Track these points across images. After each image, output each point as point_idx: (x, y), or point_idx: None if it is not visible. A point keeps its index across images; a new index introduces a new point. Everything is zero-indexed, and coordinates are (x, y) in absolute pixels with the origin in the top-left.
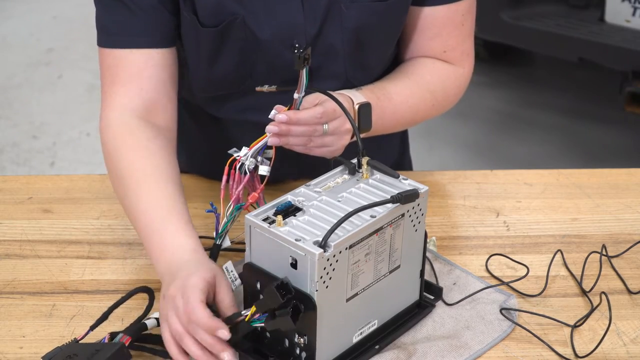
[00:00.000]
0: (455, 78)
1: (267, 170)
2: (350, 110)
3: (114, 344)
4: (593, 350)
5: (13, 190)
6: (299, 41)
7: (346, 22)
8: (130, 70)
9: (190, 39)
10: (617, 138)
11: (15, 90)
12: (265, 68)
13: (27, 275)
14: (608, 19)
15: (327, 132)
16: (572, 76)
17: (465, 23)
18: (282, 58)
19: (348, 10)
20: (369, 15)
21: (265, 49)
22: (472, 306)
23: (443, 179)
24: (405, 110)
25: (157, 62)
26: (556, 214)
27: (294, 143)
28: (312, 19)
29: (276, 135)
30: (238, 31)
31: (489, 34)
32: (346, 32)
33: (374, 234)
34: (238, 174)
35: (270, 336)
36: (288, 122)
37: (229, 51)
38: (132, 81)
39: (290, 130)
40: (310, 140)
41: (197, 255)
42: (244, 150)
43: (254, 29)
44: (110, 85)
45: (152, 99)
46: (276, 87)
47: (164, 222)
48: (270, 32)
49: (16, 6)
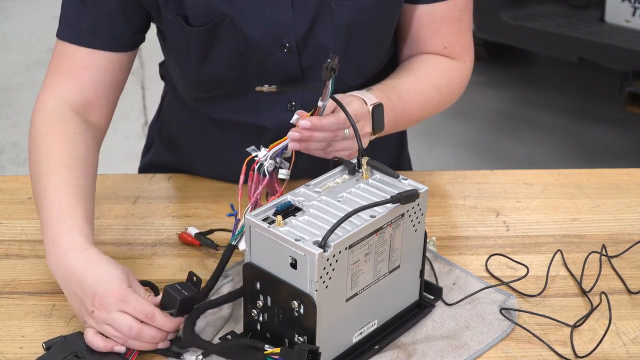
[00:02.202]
0: (458, 72)
1: (287, 173)
2: (365, 113)
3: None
4: (593, 350)
5: (13, 190)
6: (289, 40)
7: (337, 20)
8: (74, 65)
9: (177, 40)
10: (617, 138)
11: (15, 90)
12: (257, 68)
13: (27, 275)
14: (608, 19)
15: (348, 137)
16: (572, 76)
17: (464, 18)
18: (273, 57)
19: (338, 8)
20: (360, 13)
21: (256, 48)
22: (472, 306)
23: (443, 179)
24: (414, 107)
25: (102, 64)
26: (556, 214)
27: (314, 148)
28: (302, 17)
29: (297, 141)
30: (227, 31)
31: (488, 34)
32: (337, 30)
33: (374, 234)
34: (257, 175)
35: (270, 336)
36: (311, 129)
37: (219, 51)
38: (73, 76)
39: (312, 136)
40: (330, 145)
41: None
42: (263, 151)
43: (243, 29)
44: (54, 73)
45: (90, 97)
46: (276, 87)
47: (64, 214)
48: (259, 32)
49: (16, 6)
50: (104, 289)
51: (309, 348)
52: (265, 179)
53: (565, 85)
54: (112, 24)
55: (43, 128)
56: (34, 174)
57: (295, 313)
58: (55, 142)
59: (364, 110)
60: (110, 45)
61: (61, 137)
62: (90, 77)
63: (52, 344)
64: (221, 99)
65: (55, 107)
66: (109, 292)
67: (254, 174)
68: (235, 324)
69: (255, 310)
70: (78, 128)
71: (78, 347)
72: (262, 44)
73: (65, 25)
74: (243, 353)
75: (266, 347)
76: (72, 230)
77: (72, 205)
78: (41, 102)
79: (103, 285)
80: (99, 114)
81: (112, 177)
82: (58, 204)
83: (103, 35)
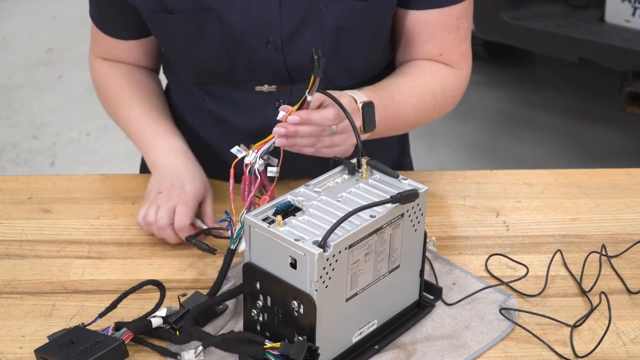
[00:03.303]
0: (454, 79)
1: (276, 170)
2: (354, 110)
3: (114, 339)
4: (593, 350)
5: (13, 190)
6: (274, 38)
7: (325, 21)
8: (108, 44)
9: (161, 31)
10: (617, 138)
11: (15, 90)
12: (245, 65)
13: (27, 275)
14: (608, 19)
15: (336, 132)
16: (572, 76)
17: (461, 27)
18: (259, 55)
19: (327, 9)
20: (348, 15)
21: (241, 43)
22: (471, 306)
23: (443, 179)
24: (407, 110)
25: (128, 47)
26: (556, 214)
27: (302, 144)
28: (288, 16)
29: (284, 137)
30: (214, 26)
31: (488, 34)
32: (325, 31)
33: (374, 233)
34: (249, 178)
35: (270, 336)
36: (300, 123)
37: (205, 44)
38: (110, 52)
39: (298, 131)
40: (319, 141)
41: (188, 161)
42: (252, 153)
43: (229, 24)
44: (95, 43)
45: (130, 61)
46: (276, 87)
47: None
48: (244, 27)
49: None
50: (178, 186)
51: (308, 344)
52: (257, 181)
53: (565, 85)
54: (116, 16)
55: (101, 78)
56: (112, 113)
57: (295, 313)
58: (120, 80)
59: (353, 107)
60: (125, 34)
61: (122, 75)
62: (123, 52)
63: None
64: (215, 89)
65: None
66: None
67: (248, 177)
68: (235, 323)
69: (255, 310)
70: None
71: (76, 336)
72: (248, 40)
73: (91, 7)
74: (242, 346)
75: (266, 342)
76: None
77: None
78: (93, 61)
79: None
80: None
81: (112, 177)
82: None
83: (115, 26)
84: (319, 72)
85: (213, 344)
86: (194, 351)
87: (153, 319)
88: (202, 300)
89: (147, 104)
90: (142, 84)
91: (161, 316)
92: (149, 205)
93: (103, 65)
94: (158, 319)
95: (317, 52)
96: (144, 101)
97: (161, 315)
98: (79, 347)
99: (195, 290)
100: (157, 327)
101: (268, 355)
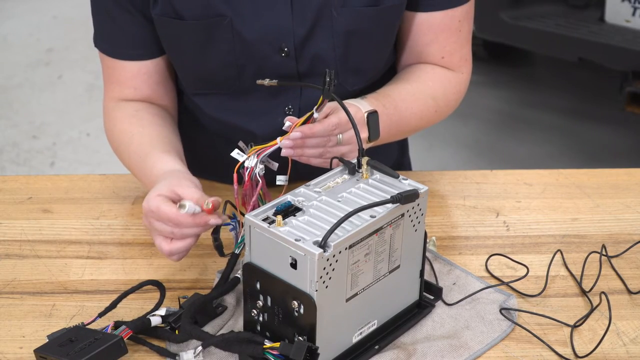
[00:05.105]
0: (455, 83)
1: (284, 179)
2: (361, 120)
3: (113, 336)
4: (593, 350)
5: (13, 190)
6: (287, 45)
7: (337, 26)
8: (124, 75)
9: (169, 37)
10: (617, 138)
11: (15, 90)
12: (254, 71)
13: (27, 275)
14: (608, 19)
15: (342, 142)
16: (572, 76)
17: (463, 29)
18: (271, 61)
19: (339, 15)
20: (360, 20)
21: (253, 51)
22: (471, 306)
23: (443, 179)
24: (410, 116)
25: (148, 70)
26: (556, 214)
27: (309, 155)
28: (301, 22)
29: (290, 148)
30: (225, 32)
31: (488, 34)
32: (337, 36)
33: (374, 234)
34: (252, 183)
35: (270, 336)
36: (303, 138)
37: (215, 51)
38: (127, 84)
39: (305, 142)
40: (326, 152)
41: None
42: (252, 158)
43: (241, 31)
44: (109, 83)
45: (147, 94)
46: (277, 82)
47: (147, 156)
48: (257, 35)
49: (16, 6)
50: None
51: (308, 344)
52: (259, 185)
53: (565, 85)
54: (137, 35)
55: (111, 123)
56: (123, 157)
57: (295, 313)
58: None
59: (359, 117)
60: (146, 54)
61: (124, 120)
62: (142, 82)
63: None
64: (218, 98)
65: (116, 104)
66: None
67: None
68: (235, 323)
69: (255, 310)
70: (136, 107)
71: (75, 335)
72: (260, 47)
73: (102, 40)
74: (242, 346)
75: (265, 342)
76: (158, 164)
77: (154, 152)
78: (105, 107)
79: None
80: (161, 101)
81: (112, 177)
82: (143, 153)
83: (136, 47)
84: (329, 94)
85: (213, 344)
86: (193, 351)
87: (152, 318)
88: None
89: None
90: (145, 121)
91: (160, 315)
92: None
93: (113, 112)
94: (157, 318)
95: (330, 75)
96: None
97: (160, 314)
98: (78, 344)
99: (194, 292)
100: (156, 327)
101: (268, 355)
